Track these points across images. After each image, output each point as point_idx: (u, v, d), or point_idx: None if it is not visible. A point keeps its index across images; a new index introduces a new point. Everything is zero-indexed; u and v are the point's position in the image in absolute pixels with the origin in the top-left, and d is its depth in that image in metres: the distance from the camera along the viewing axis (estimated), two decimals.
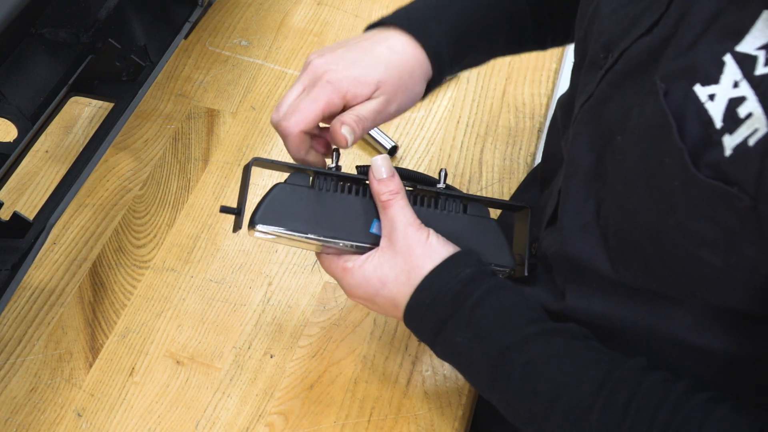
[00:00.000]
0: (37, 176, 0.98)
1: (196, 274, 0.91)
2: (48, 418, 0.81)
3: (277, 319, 0.88)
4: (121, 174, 0.99)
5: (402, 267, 0.72)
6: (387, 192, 0.73)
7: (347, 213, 0.74)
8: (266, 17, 1.17)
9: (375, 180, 0.73)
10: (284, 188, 0.73)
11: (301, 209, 0.73)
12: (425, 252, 0.72)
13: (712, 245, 0.58)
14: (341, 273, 0.74)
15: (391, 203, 0.72)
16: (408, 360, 0.85)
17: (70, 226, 0.94)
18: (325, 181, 0.74)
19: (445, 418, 0.82)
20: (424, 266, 0.71)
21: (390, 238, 0.72)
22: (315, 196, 0.73)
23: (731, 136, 0.56)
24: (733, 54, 0.56)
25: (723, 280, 0.60)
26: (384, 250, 0.72)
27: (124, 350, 0.85)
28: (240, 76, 1.10)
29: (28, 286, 0.89)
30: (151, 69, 0.93)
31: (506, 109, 1.07)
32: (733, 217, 0.56)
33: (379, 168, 0.73)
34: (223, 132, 1.04)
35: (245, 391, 0.83)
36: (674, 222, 0.59)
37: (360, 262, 0.73)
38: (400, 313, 0.73)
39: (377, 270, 0.72)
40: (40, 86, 0.89)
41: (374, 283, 0.72)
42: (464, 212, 0.77)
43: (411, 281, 0.71)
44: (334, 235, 0.73)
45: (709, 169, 0.57)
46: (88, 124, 1.04)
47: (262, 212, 0.72)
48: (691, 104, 0.58)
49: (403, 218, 0.72)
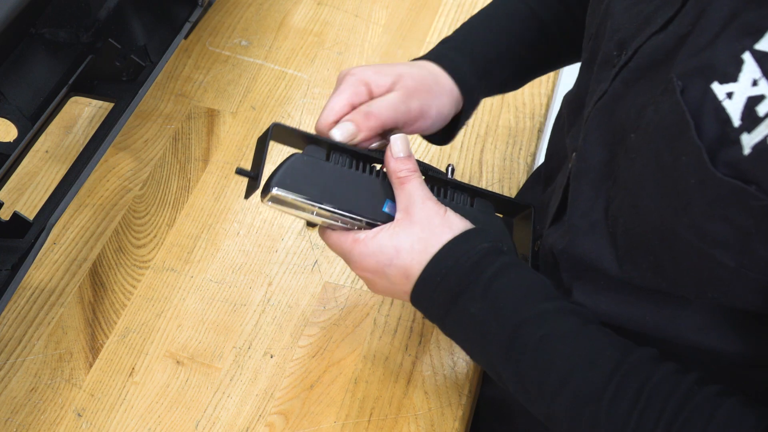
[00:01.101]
0: (37, 176, 0.98)
1: (196, 274, 0.91)
2: (48, 418, 0.81)
3: (277, 319, 0.88)
4: (121, 174, 0.99)
5: (419, 235, 0.71)
6: (405, 169, 0.73)
7: (361, 190, 0.74)
8: (266, 17, 1.17)
9: (392, 158, 0.73)
10: (301, 158, 0.73)
11: (317, 180, 0.72)
12: (444, 222, 0.71)
13: (725, 245, 0.58)
14: (351, 245, 0.73)
15: (409, 178, 0.72)
16: (408, 360, 0.85)
17: (70, 226, 0.94)
18: (341, 157, 0.74)
19: (445, 418, 0.82)
20: (443, 235, 0.71)
21: (407, 210, 0.72)
22: (330, 170, 0.73)
23: (750, 134, 0.55)
24: (752, 52, 0.56)
25: (735, 280, 0.60)
26: (400, 222, 0.72)
27: (124, 350, 0.85)
28: (240, 76, 1.10)
29: (28, 286, 0.89)
30: (151, 69, 0.93)
31: (506, 109, 1.07)
32: (749, 217, 0.56)
33: (398, 146, 0.73)
34: (223, 132, 1.04)
35: (245, 391, 0.83)
36: (688, 221, 0.59)
37: (373, 233, 0.72)
38: (410, 285, 0.72)
39: (392, 238, 0.72)
40: (40, 86, 0.89)
41: (388, 251, 0.72)
42: (470, 206, 0.77)
43: (428, 249, 0.71)
44: (348, 209, 0.73)
45: (727, 168, 0.56)
46: (88, 124, 1.04)
47: (279, 177, 0.71)
48: (709, 102, 0.57)
49: (421, 192, 0.72)
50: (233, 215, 0.96)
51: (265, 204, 0.73)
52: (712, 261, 0.59)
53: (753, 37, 0.56)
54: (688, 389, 0.62)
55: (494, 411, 0.89)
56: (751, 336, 0.65)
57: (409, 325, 0.88)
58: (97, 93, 0.93)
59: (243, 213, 0.96)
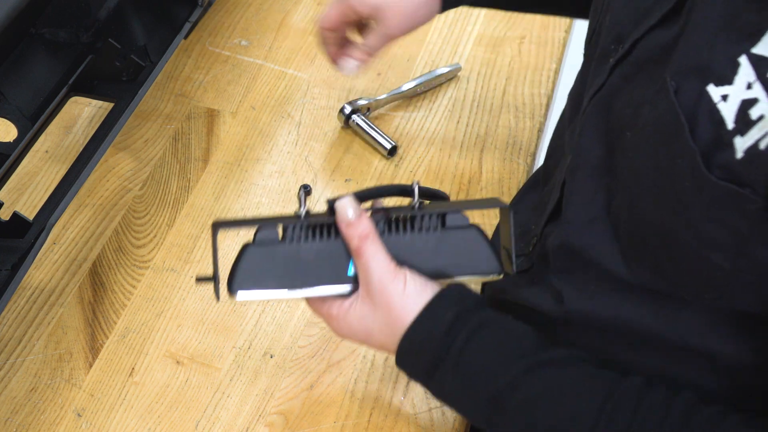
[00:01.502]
0: (37, 176, 0.98)
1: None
2: (48, 418, 0.81)
3: (277, 319, 0.88)
4: (121, 174, 0.99)
5: (384, 320, 0.70)
6: (357, 237, 0.70)
7: (323, 259, 0.72)
8: (266, 17, 1.17)
9: (342, 224, 0.71)
10: (254, 250, 0.71)
11: (276, 266, 0.71)
12: (403, 304, 0.70)
13: (721, 248, 0.58)
14: (327, 319, 0.73)
15: (362, 250, 0.70)
16: None
17: (70, 226, 0.94)
18: (294, 231, 0.72)
19: (445, 418, 0.82)
20: (405, 318, 0.70)
21: (367, 288, 0.71)
22: (286, 250, 0.71)
23: (743, 138, 0.55)
24: (748, 55, 0.56)
25: (732, 282, 0.60)
26: (364, 301, 0.71)
27: (124, 350, 0.85)
28: (240, 76, 1.10)
29: (28, 286, 0.89)
30: (151, 69, 0.93)
31: (506, 109, 1.07)
32: (744, 220, 0.56)
33: (345, 210, 0.71)
34: (223, 132, 1.04)
35: (245, 391, 0.83)
36: (684, 222, 0.59)
37: (344, 311, 0.72)
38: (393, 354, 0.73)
39: (361, 322, 0.71)
40: (40, 86, 0.89)
41: (360, 334, 0.72)
42: (443, 226, 0.74)
43: (395, 334, 0.70)
44: (314, 285, 0.71)
45: (721, 171, 0.56)
46: (88, 124, 1.04)
47: (238, 280, 0.71)
48: (704, 104, 0.57)
49: (376, 267, 0.70)
50: (233, 215, 0.96)
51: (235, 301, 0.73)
52: (709, 263, 0.59)
53: (750, 40, 0.56)
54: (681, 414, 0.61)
55: None
56: (750, 339, 0.65)
57: None
58: (97, 93, 0.93)
59: (243, 213, 0.96)
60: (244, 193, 0.98)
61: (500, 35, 1.14)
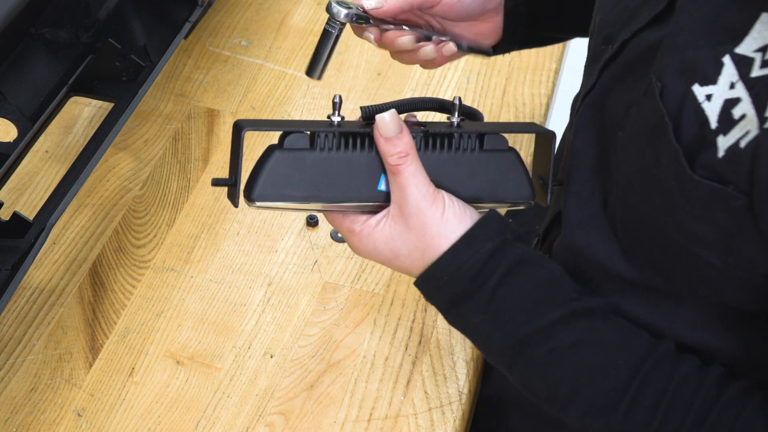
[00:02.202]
0: (37, 176, 0.98)
1: (196, 274, 0.91)
2: (48, 418, 0.81)
3: (277, 319, 0.88)
4: (121, 174, 0.99)
5: (416, 244, 0.67)
6: (396, 154, 0.67)
7: (353, 171, 0.68)
8: (266, 17, 1.17)
9: (381, 139, 0.67)
10: (281, 155, 0.67)
11: (301, 175, 0.67)
12: (441, 231, 0.67)
13: (710, 245, 0.58)
14: (347, 234, 0.70)
15: (400, 169, 0.66)
16: (408, 360, 0.85)
17: (70, 226, 0.94)
18: (326, 139, 0.68)
19: (445, 418, 0.82)
20: (441, 245, 0.67)
21: (401, 209, 0.67)
22: (315, 158, 0.67)
23: (725, 137, 0.56)
24: (732, 55, 0.57)
25: (723, 279, 0.60)
26: (395, 221, 0.68)
27: (124, 350, 0.85)
28: (240, 76, 1.10)
29: (28, 286, 0.89)
30: (151, 69, 0.92)
31: (506, 109, 1.07)
32: (731, 217, 0.56)
33: (387, 125, 0.67)
34: (223, 132, 1.04)
35: (245, 391, 0.83)
36: (673, 221, 0.60)
37: (369, 228, 0.68)
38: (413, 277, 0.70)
39: (389, 242, 0.68)
40: (40, 86, 0.89)
41: (386, 254, 0.69)
42: (480, 148, 0.70)
43: (425, 259, 0.67)
44: (339, 198, 0.68)
45: (704, 170, 0.57)
46: (88, 124, 1.04)
47: (260, 187, 0.66)
48: (689, 104, 0.58)
49: (415, 190, 0.67)
50: (233, 215, 0.96)
51: (252, 208, 0.69)
52: (699, 260, 0.60)
53: (734, 40, 0.57)
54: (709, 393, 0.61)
55: (491, 410, 0.89)
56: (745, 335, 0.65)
57: (409, 325, 0.88)
58: (97, 93, 0.93)
59: (243, 213, 0.96)
60: None
61: None
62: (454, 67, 1.11)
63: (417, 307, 0.89)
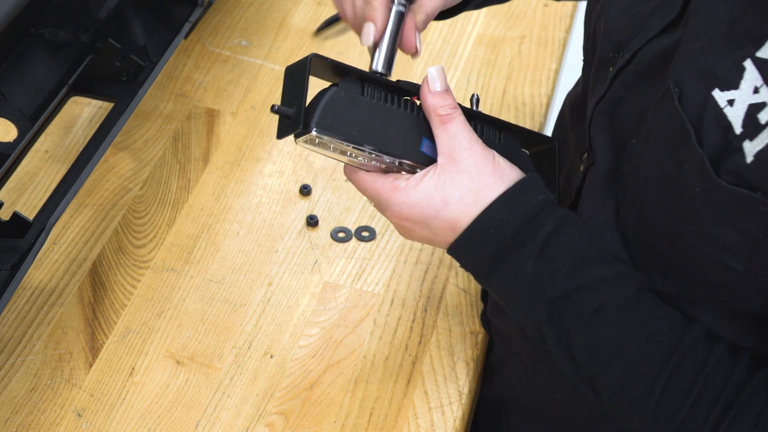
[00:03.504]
0: (37, 176, 0.98)
1: (196, 274, 0.91)
2: (48, 418, 0.81)
3: (277, 319, 0.88)
4: (121, 174, 0.99)
5: (469, 186, 0.66)
6: (446, 105, 0.67)
7: (397, 128, 0.68)
8: (266, 17, 1.17)
9: (430, 93, 0.67)
10: (339, 93, 0.67)
11: (353, 118, 0.67)
12: (495, 172, 0.66)
13: (734, 251, 0.58)
14: (390, 192, 0.68)
15: (452, 117, 0.67)
16: (408, 360, 0.85)
17: (70, 226, 0.94)
18: (375, 90, 0.69)
19: (445, 418, 0.82)
20: (496, 187, 0.66)
21: (452, 155, 0.67)
22: (366, 105, 0.68)
23: (752, 142, 0.55)
24: (753, 59, 0.56)
25: (745, 284, 0.59)
26: (445, 168, 0.67)
27: (124, 350, 0.85)
28: (240, 76, 1.10)
29: (28, 286, 0.89)
30: (151, 69, 0.93)
31: (506, 109, 1.07)
32: (758, 222, 0.56)
33: (435, 80, 0.68)
34: (223, 132, 1.04)
35: (245, 391, 0.83)
36: (695, 228, 0.59)
37: (415, 181, 0.67)
38: (455, 236, 0.68)
39: (440, 189, 0.66)
40: (40, 86, 0.89)
41: (436, 203, 0.67)
42: (499, 141, 0.72)
43: (479, 202, 0.66)
44: (387, 150, 0.68)
45: (731, 176, 0.56)
46: (88, 124, 1.04)
47: (319, 117, 0.66)
48: (710, 109, 0.57)
49: (467, 134, 0.67)
50: (233, 215, 0.96)
51: (298, 144, 0.68)
52: (722, 266, 0.59)
53: (754, 44, 0.56)
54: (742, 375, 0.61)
55: (491, 410, 0.89)
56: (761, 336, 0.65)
57: (409, 325, 0.88)
58: (97, 93, 0.93)
59: (243, 213, 0.96)
60: (244, 193, 0.98)
61: (500, 35, 1.14)
62: (454, 67, 1.11)
63: (417, 307, 0.89)
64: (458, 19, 1.16)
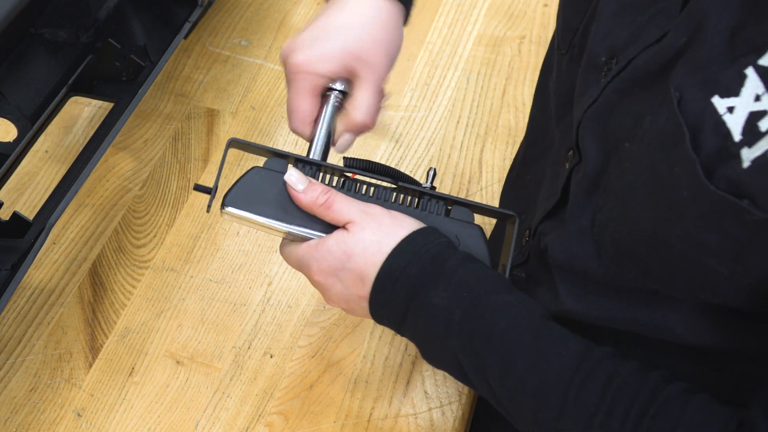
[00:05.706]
0: (37, 176, 0.98)
1: (196, 274, 0.91)
2: (48, 418, 0.81)
3: (277, 319, 0.88)
4: (121, 174, 0.99)
5: (371, 238, 0.69)
6: (319, 194, 0.70)
7: None
8: (266, 17, 1.17)
9: (300, 195, 0.71)
10: (259, 172, 0.72)
11: (273, 195, 0.72)
12: (395, 222, 0.69)
13: (719, 255, 0.58)
14: (305, 251, 0.71)
15: (331, 199, 0.70)
16: (408, 360, 0.85)
17: (70, 226, 0.94)
18: (303, 169, 0.73)
19: (445, 418, 0.82)
20: (396, 234, 0.69)
21: (351, 222, 0.70)
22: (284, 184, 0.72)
23: (750, 149, 0.55)
24: (755, 67, 0.56)
25: (728, 284, 0.60)
26: (347, 228, 0.70)
27: (124, 350, 0.85)
28: (240, 76, 1.10)
29: (28, 286, 0.89)
30: (151, 69, 0.93)
31: (506, 109, 1.07)
32: (743, 230, 0.56)
33: (296, 183, 0.71)
34: (223, 132, 1.04)
35: (245, 391, 0.83)
36: (680, 232, 0.59)
37: (323, 242, 0.70)
38: (367, 289, 0.69)
39: (340, 244, 0.69)
40: (40, 86, 0.89)
41: (339, 256, 0.69)
42: (446, 215, 0.74)
43: (383, 250, 0.68)
44: (301, 225, 0.71)
45: (725, 181, 0.56)
46: (88, 124, 1.04)
47: (232, 195, 0.72)
48: (709, 116, 0.57)
49: (354, 203, 0.70)
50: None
51: (223, 217, 0.73)
52: (706, 268, 0.59)
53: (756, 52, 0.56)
54: (656, 385, 0.61)
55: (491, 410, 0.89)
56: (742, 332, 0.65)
57: None
58: (97, 93, 0.93)
59: None
60: None
61: (500, 35, 1.14)
62: (454, 67, 1.11)
63: None
64: (458, 19, 1.16)
